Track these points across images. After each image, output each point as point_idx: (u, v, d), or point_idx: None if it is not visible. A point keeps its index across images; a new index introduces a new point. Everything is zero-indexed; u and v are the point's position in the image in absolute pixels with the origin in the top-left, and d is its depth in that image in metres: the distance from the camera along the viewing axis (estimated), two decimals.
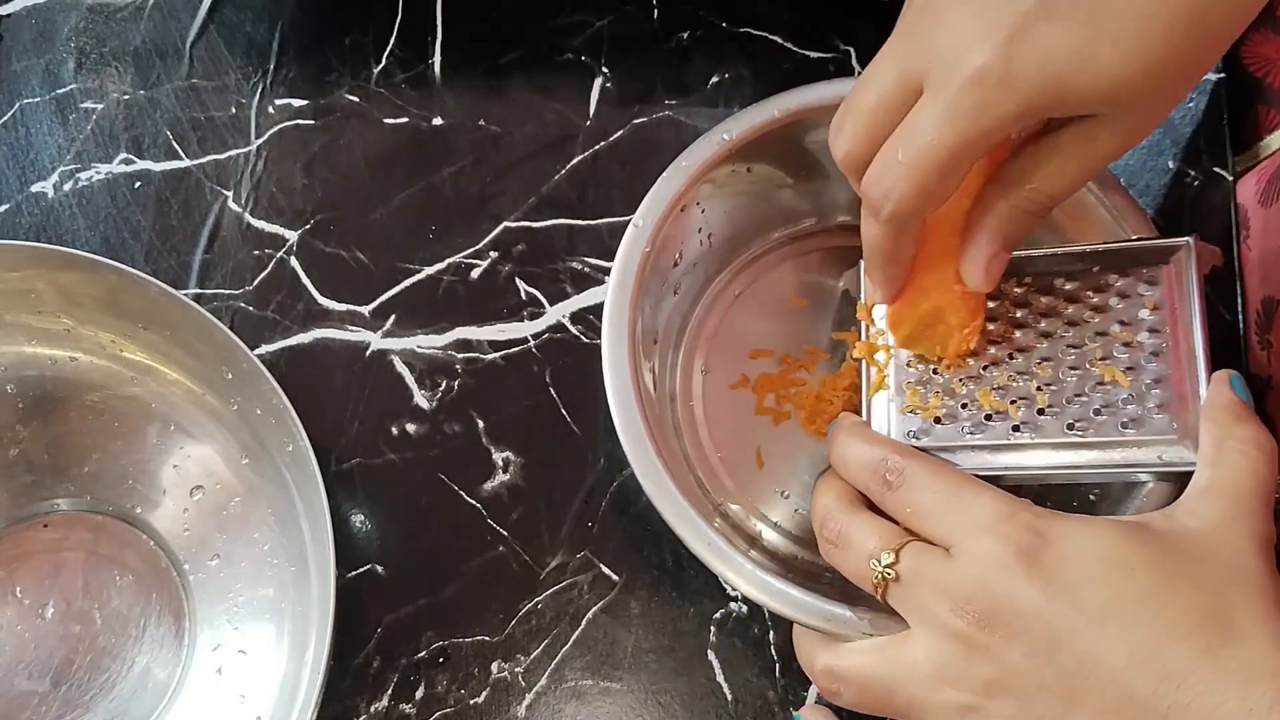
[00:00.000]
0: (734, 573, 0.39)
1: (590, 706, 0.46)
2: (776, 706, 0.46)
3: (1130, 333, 0.40)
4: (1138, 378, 0.39)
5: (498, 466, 0.49)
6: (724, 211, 0.47)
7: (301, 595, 0.45)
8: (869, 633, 0.38)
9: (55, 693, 0.46)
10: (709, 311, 0.49)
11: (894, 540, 0.37)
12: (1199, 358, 0.38)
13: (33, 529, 0.48)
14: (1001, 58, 0.31)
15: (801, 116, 0.45)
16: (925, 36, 0.33)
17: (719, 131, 0.45)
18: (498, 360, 0.51)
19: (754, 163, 0.47)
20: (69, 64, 0.55)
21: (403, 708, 0.46)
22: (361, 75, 0.55)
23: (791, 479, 0.47)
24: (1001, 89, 0.31)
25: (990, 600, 0.34)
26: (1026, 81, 0.31)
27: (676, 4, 0.56)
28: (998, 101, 0.31)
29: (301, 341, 0.51)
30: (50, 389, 0.49)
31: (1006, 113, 0.32)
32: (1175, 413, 0.38)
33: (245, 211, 0.53)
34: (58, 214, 0.53)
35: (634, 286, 0.43)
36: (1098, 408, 0.39)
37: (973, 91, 0.31)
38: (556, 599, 0.48)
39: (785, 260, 0.50)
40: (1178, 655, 0.32)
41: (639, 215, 0.44)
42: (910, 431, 0.40)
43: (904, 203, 0.34)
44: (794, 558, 0.46)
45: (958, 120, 0.32)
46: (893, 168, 0.34)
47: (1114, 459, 0.39)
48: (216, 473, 0.48)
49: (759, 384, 0.48)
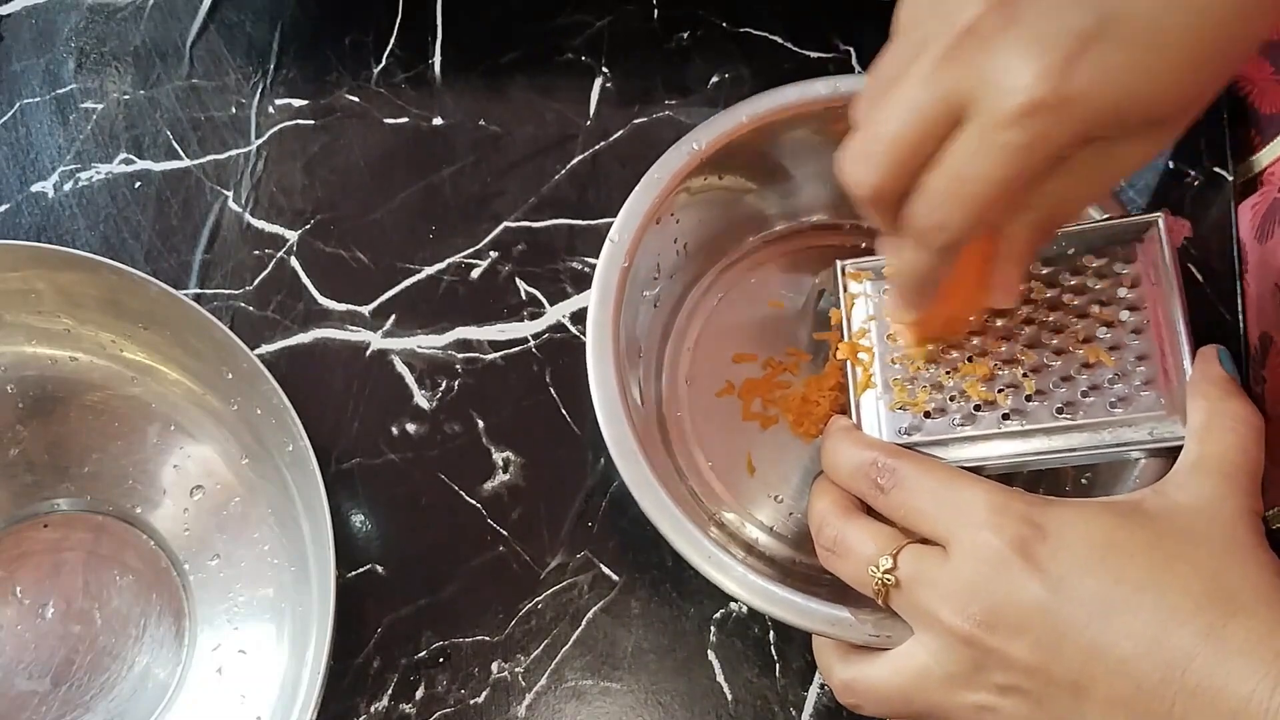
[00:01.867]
0: (735, 584, 0.39)
1: (590, 706, 0.46)
2: (776, 706, 0.46)
3: (1110, 312, 0.40)
4: (1122, 356, 0.40)
5: (498, 466, 0.49)
6: (698, 220, 0.47)
7: (301, 595, 0.45)
8: (873, 634, 0.38)
9: (55, 693, 0.46)
10: (689, 321, 0.49)
11: (891, 544, 0.37)
12: (1180, 332, 0.39)
13: (33, 529, 0.48)
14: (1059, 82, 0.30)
15: (769, 120, 0.45)
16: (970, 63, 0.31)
17: (688, 141, 0.45)
18: (498, 360, 0.51)
19: (725, 169, 0.47)
20: (69, 64, 0.55)
21: (403, 708, 0.46)
22: (361, 75, 0.55)
23: (783, 483, 0.47)
24: (1060, 114, 0.30)
25: (990, 598, 0.34)
26: (1085, 105, 0.30)
27: (676, 4, 0.56)
28: (1056, 127, 0.30)
29: (301, 341, 0.51)
30: (50, 389, 0.49)
31: (1065, 137, 0.30)
32: (1162, 388, 0.39)
33: (245, 211, 0.53)
34: (58, 214, 0.53)
35: (614, 301, 0.43)
36: (1085, 389, 0.39)
37: (1030, 121, 0.30)
38: (556, 599, 0.48)
39: (760, 265, 0.50)
40: (1181, 640, 0.32)
41: (615, 230, 0.44)
42: (901, 428, 0.41)
43: (959, 233, 0.33)
44: (792, 561, 0.46)
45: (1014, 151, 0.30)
46: (945, 198, 0.32)
47: (1105, 439, 0.39)
48: (216, 473, 0.48)
49: (744, 390, 0.48)
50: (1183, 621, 0.32)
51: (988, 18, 0.31)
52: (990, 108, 0.30)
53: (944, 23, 0.32)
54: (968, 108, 0.31)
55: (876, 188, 0.33)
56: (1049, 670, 0.33)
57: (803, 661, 0.46)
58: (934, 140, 0.32)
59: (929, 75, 0.32)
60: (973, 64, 0.31)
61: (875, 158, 0.33)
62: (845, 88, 0.45)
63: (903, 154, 0.32)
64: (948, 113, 0.31)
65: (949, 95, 0.31)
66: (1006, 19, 0.30)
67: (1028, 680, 0.34)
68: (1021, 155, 0.30)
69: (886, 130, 0.33)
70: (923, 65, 0.32)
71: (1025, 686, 0.34)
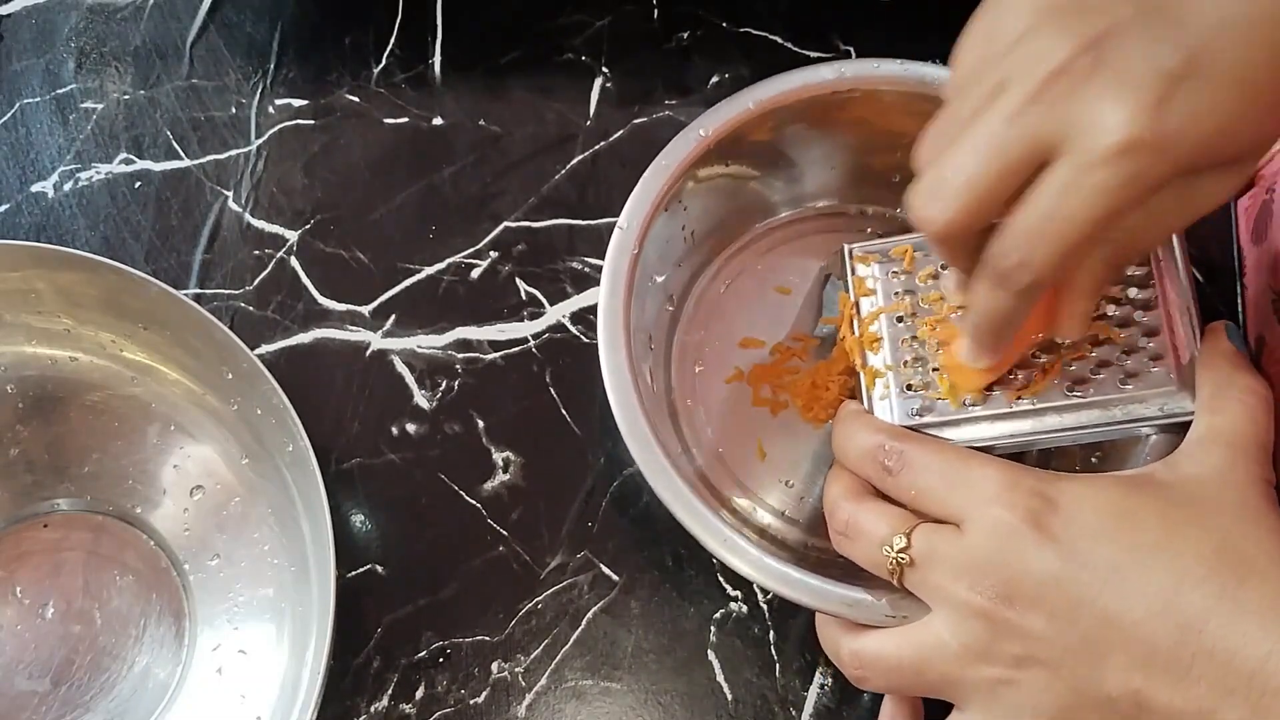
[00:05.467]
0: (751, 566, 0.39)
1: (590, 706, 0.46)
2: (776, 706, 0.46)
3: (1118, 289, 0.40)
4: (1131, 332, 0.40)
5: (498, 466, 0.49)
6: (705, 207, 0.48)
7: (301, 595, 0.45)
8: (890, 614, 0.38)
9: (55, 693, 0.46)
10: (697, 308, 0.49)
11: (903, 524, 0.37)
12: (1189, 307, 0.39)
13: (33, 529, 0.48)
14: (1153, 122, 0.29)
15: (776, 106, 0.45)
16: (1059, 104, 0.31)
17: (695, 128, 0.45)
18: (498, 360, 0.51)
19: (731, 157, 0.47)
20: (69, 64, 0.55)
21: (403, 708, 0.46)
22: (361, 75, 0.55)
23: (794, 468, 0.47)
24: (1154, 154, 0.30)
25: (1005, 571, 0.34)
26: (1179, 144, 0.30)
27: (676, 4, 0.56)
28: (1149, 169, 0.30)
29: (301, 341, 0.51)
30: (50, 389, 0.49)
31: (1158, 177, 0.30)
32: (1172, 364, 0.39)
33: (245, 211, 0.53)
34: (58, 214, 0.53)
35: (625, 287, 0.43)
36: (1095, 366, 0.40)
37: (1125, 160, 0.30)
38: (556, 599, 0.48)
39: (767, 252, 0.50)
40: (1195, 602, 0.32)
41: (624, 217, 0.44)
42: (913, 410, 0.41)
43: (1044, 275, 0.32)
44: (804, 545, 0.46)
45: (1108, 191, 0.30)
46: (1031, 240, 0.32)
47: (1115, 415, 0.39)
48: (216, 473, 0.48)
49: (753, 376, 0.48)
50: (1196, 584, 0.32)
51: (1078, 60, 0.30)
52: (1083, 148, 0.30)
53: (1028, 64, 0.31)
54: (1057, 148, 0.31)
55: (950, 224, 0.33)
56: (1065, 639, 0.34)
57: (803, 661, 0.46)
58: (1016, 180, 0.32)
59: (1014, 115, 0.31)
60: (1063, 105, 0.31)
61: (951, 195, 0.32)
62: (850, 73, 0.45)
63: (981, 192, 0.32)
64: (1034, 153, 0.31)
65: (1037, 135, 0.31)
66: (1096, 60, 0.30)
67: (1044, 650, 0.34)
68: (1115, 195, 0.30)
69: (965, 167, 0.32)
70: (1007, 105, 0.31)
71: (1042, 657, 0.34)
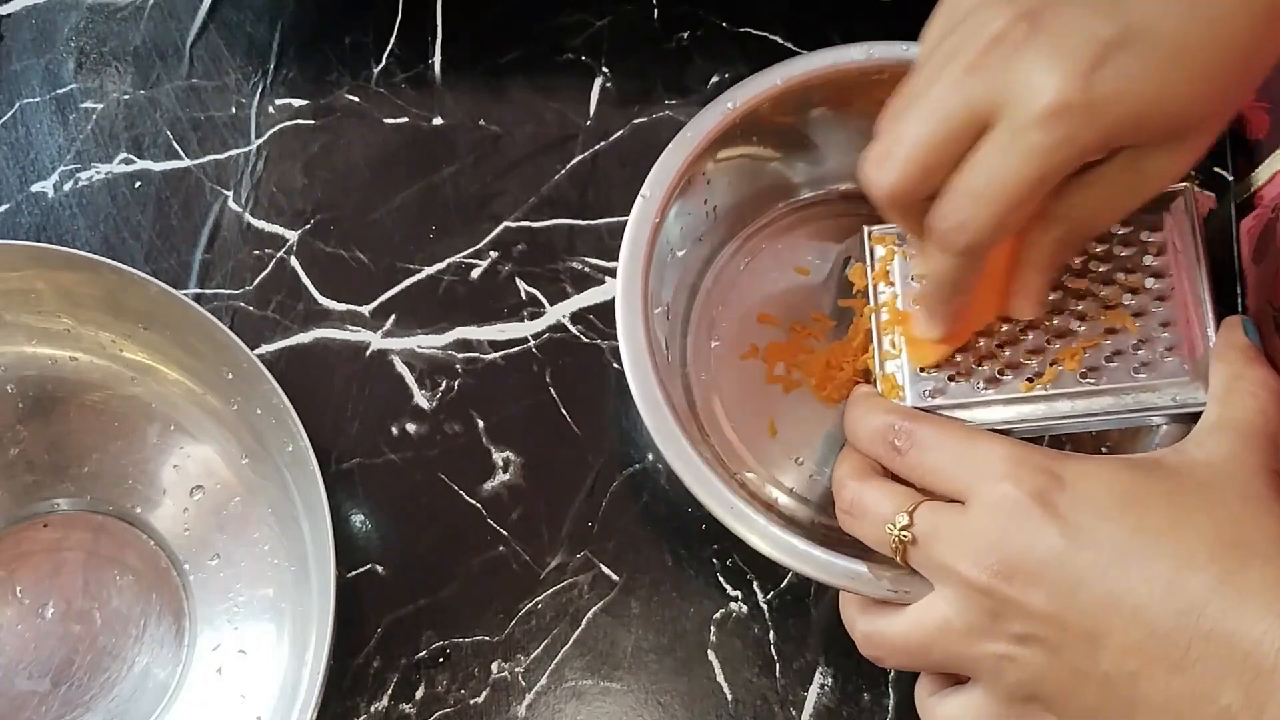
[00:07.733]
0: (757, 536, 0.39)
1: (590, 706, 0.46)
2: (776, 706, 0.46)
3: (1136, 279, 0.40)
4: (1146, 322, 0.40)
5: (498, 466, 0.49)
6: (727, 184, 0.48)
7: (301, 595, 0.45)
8: (891, 589, 0.38)
9: (55, 693, 0.46)
10: (715, 283, 0.49)
11: (907, 502, 0.37)
12: (1205, 300, 0.39)
13: (33, 529, 0.48)
14: (1083, 88, 0.31)
15: (801, 85, 0.45)
16: (997, 70, 0.32)
17: (723, 101, 0.45)
18: (498, 360, 0.51)
19: (753, 137, 0.47)
20: (69, 64, 0.55)
21: (403, 708, 0.46)
22: (361, 75, 0.55)
23: (805, 446, 0.47)
24: (1084, 119, 0.31)
25: (1008, 547, 0.34)
26: (1108, 112, 0.31)
27: (676, 4, 0.56)
28: (1080, 132, 0.31)
29: (301, 341, 0.51)
30: (50, 389, 0.49)
31: (1088, 143, 0.31)
32: (1185, 354, 0.39)
33: (245, 211, 0.53)
34: (58, 214, 0.53)
35: (645, 255, 0.43)
36: (1109, 355, 0.40)
37: (1056, 123, 0.31)
38: (556, 599, 0.48)
39: (788, 231, 0.50)
40: (1195, 585, 0.32)
41: (647, 186, 0.44)
42: (925, 390, 0.41)
43: (981, 236, 0.33)
44: (812, 522, 0.46)
45: (1040, 153, 0.31)
46: (968, 202, 0.33)
47: (1128, 404, 0.39)
48: (216, 473, 0.48)
49: (769, 353, 0.48)
50: (1198, 568, 0.32)
51: (1014, 27, 0.32)
52: (1017, 111, 0.31)
53: (970, 35, 0.33)
54: (995, 114, 0.32)
55: (894, 188, 0.34)
56: (1065, 618, 0.34)
57: (803, 661, 0.47)
58: (957, 145, 0.33)
59: (955, 82, 0.32)
60: (1000, 71, 0.32)
61: (894, 160, 0.34)
62: (879, 54, 0.45)
63: (924, 157, 0.33)
64: (973, 119, 0.32)
65: (975, 101, 0.32)
66: (1032, 28, 0.31)
67: (1044, 629, 0.34)
68: (1046, 156, 0.31)
69: (908, 134, 0.33)
70: (949, 73, 0.33)
71: (1042, 635, 0.34)
